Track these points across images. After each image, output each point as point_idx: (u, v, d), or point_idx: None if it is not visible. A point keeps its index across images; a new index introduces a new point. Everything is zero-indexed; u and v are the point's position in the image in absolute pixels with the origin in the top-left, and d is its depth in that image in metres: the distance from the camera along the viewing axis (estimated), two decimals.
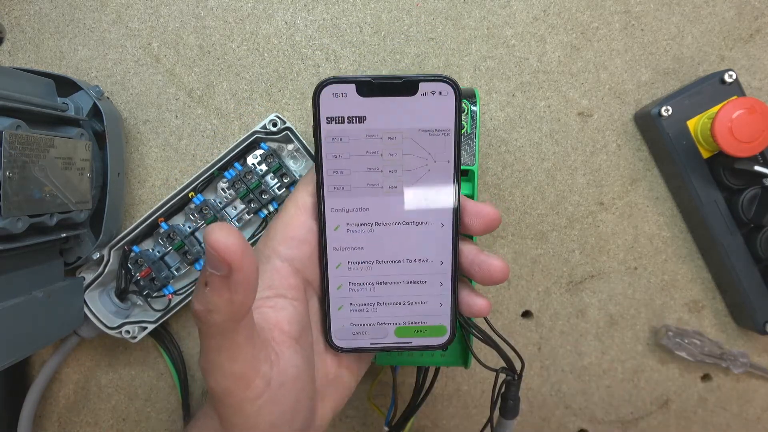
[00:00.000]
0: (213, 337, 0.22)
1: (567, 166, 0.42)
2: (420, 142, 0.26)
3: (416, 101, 0.25)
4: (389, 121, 0.26)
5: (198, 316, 0.22)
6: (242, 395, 0.23)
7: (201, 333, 0.23)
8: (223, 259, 0.20)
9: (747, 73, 0.41)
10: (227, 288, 0.21)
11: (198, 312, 0.22)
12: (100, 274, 0.38)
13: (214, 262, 0.20)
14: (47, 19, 0.40)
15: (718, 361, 0.42)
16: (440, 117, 0.26)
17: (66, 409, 0.43)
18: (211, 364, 0.23)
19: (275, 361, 0.25)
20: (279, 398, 0.25)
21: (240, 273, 0.21)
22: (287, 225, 0.28)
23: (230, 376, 0.23)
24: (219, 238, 0.20)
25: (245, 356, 0.23)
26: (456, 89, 0.25)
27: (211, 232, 0.20)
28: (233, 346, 0.23)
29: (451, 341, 0.29)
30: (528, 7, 0.41)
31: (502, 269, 0.26)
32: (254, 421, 0.24)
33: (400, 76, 0.25)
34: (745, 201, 0.38)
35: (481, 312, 0.28)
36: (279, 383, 0.24)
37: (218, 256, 0.20)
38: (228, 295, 0.21)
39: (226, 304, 0.21)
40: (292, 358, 0.26)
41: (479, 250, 0.27)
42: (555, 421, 0.44)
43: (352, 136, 0.26)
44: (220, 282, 0.21)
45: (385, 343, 0.29)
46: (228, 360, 0.23)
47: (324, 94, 0.25)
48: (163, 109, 0.41)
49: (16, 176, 0.29)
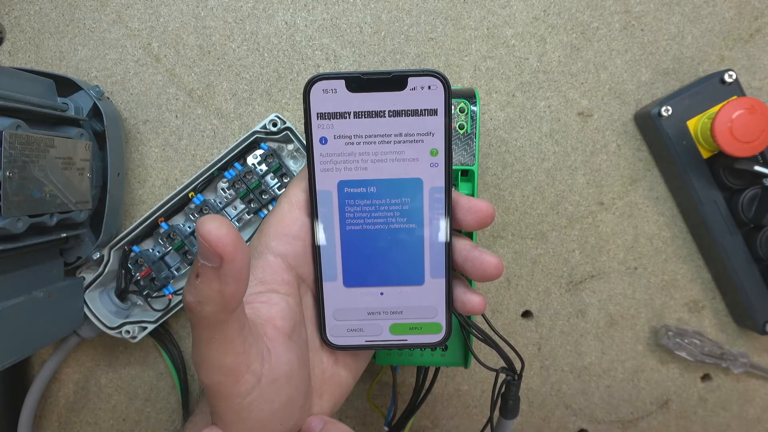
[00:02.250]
0: (204, 329, 0.22)
1: (567, 166, 0.42)
2: (410, 138, 0.26)
3: (406, 96, 0.26)
4: (379, 116, 0.26)
5: (190, 307, 0.22)
6: (231, 389, 0.23)
7: (193, 325, 0.23)
8: (214, 251, 0.20)
9: (747, 73, 0.41)
10: (218, 279, 0.21)
11: (190, 303, 0.22)
12: (100, 274, 0.38)
13: (206, 253, 0.20)
14: (47, 19, 0.40)
15: (718, 361, 0.42)
16: (430, 111, 0.26)
17: (66, 409, 0.43)
18: (201, 357, 0.23)
19: (267, 357, 0.25)
20: (270, 395, 0.24)
21: (231, 264, 0.21)
22: (280, 221, 0.28)
23: (220, 370, 0.23)
24: (211, 229, 0.20)
25: (236, 350, 0.23)
26: (445, 83, 0.25)
27: (203, 223, 0.20)
28: (224, 339, 0.23)
29: (446, 339, 0.29)
30: (528, 7, 0.41)
31: (496, 265, 0.26)
32: (244, 416, 0.24)
33: (389, 71, 0.26)
34: (745, 201, 0.38)
35: (475, 309, 0.27)
36: (270, 380, 0.24)
37: (210, 248, 0.20)
38: (219, 287, 0.21)
39: (217, 295, 0.21)
40: (285, 355, 0.26)
41: (473, 246, 0.27)
42: (555, 421, 0.44)
43: (342, 132, 0.26)
44: (211, 273, 0.21)
45: (380, 340, 0.29)
46: (218, 353, 0.23)
47: (314, 90, 0.26)
48: (163, 109, 0.41)
49: (16, 176, 0.29)
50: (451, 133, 0.26)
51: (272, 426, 0.25)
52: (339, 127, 0.26)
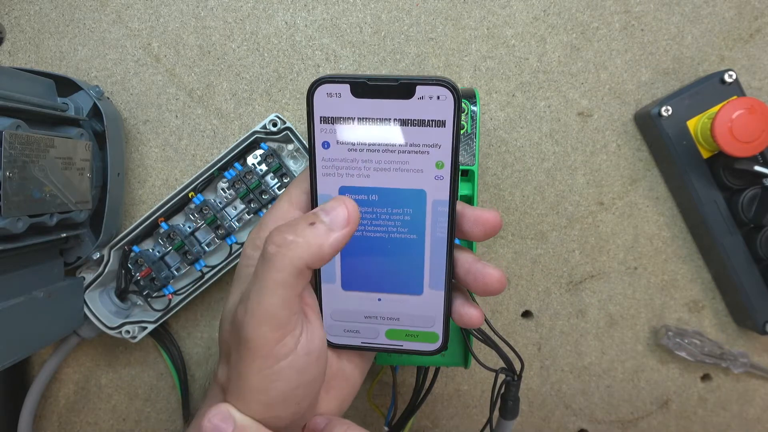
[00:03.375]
0: (280, 272, 0.23)
1: (567, 166, 0.42)
2: (415, 148, 0.25)
3: (413, 105, 0.24)
4: (384, 124, 0.25)
5: (283, 242, 0.23)
6: (272, 348, 0.23)
7: (269, 266, 0.23)
8: (349, 218, 0.24)
9: (747, 73, 0.41)
10: (327, 236, 0.23)
11: (284, 239, 0.23)
12: (100, 274, 0.38)
13: (336, 215, 0.23)
14: (47, 19, 0.40)
15: (718, 361, 0.42)
16: (438, 123, 0.25)
17: (66, 409, 0.43)
18: (258, 304, 0.23)
19: (306, 329, 0.25)
20: (300, 366, 0.24)
21: (349, 234, 0.24)
22: (280, 219, 0.27)
23: (272, 321, 0.23)
24: (347, 200, 0.24)
25: (294, 307, 0.24)
26: (455, 94, 0.24)
27: (341, 197, 0.24)
28: (291, 292, 0.23)
29: (442, 349, 0.28)
30: (528, 7, 0.41)
31: (499, 279, 0.26)
32: (269, 385, 0.24)
33: (397, 77, 0.24)
34: (745, 201, 0.38)
35: (472, 323, 0.27)
36: (305, 351, 0.25)
37: (346, 214, 0.24)
38: (323, 240, 0.23)
39: (317, 246, 0.23)
40: (318, 331, 0.26)
41: (476, 260, 0.27)
42: (555, 421, 0.44)
43: (345, 138, 0.25)
44: (325, 229, 0.23)
45: (376, 343, 0.28)
46: (279, 303, 0.23)
47: (318, 93, 0.25)
48: (163, 109, 0.41)
49: (16, 176, 0.29)
50: (459, 146, 0.25)
51: (289, 403, 0.25)
52: (342, 132, 0.25)
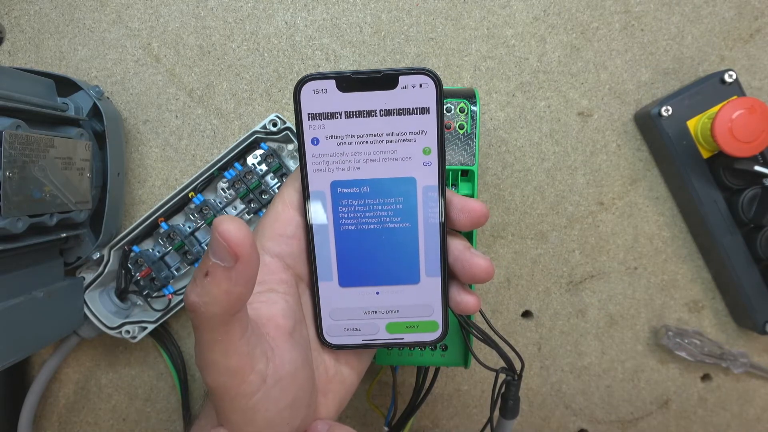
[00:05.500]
0: (207, 331, 0.22)
1: (567, 166, 0.42)
2: (403, 137, 0.26)
3: (397, 94, 0.25)
4: (371, 115, 0.26)
5: (193, 307, 0.22)
6: (237, 391, 0.23)
7: (195, 327, 0.23)
8: (232, 250, 0.20)
9: (747, 73, 0.41)
10: (228, 280, 0.21)
11: (194, 303, 0.22)
12: (100, 274, 0.38)
13: (222, 252, 0.20)
14: (47, 19, 0.40)
15: (718, 361, 0.42)
16: (422, 110, 0.26)
17: (66, 409, 0.43)
18: (205, 359, 0.23)
19: (271, 356, 0.25)
20: (276, 395, 0.24)
21: (245, 266, 0.21)
22: (275, 221, 0.28)
23: (225, 372, 0.23)
24: (230, 228, 0.20)
25: (240, 351, 0.23)
26: (436, 81, 0.25)
27: (222, 222, 0.20)
28: (228, 340, 0.22)
29: (443, 337, 0.28)
30: (528, 7, 0.41)
31: (486, 269, 0.26)
32: (251, 417, 0.24)
33: (380, 70, 0.25)
34: (745, 201, 0.38)
35: (469, 309, 0.27)
36: (275, 379, 0.24)
37: (227, 247, 0.20)
38: (227, 287, 0.21)
39: (224, 296, 0.21)
40: (288, 353, 0.26)
41: (466, 248, 0.27)
42: (555, 421, 0.44)
43: (334, 133, 0.26)
44: (222, 273, 0.21)
45: (377, 339, 0.29)
46: (222, 355, 0.23)
47: (304, 90, 0.25)
48: (163, 109, 0.41)
49: (16, 176, 0.29)
50: (444, 131, 0.26)
51: (279, 426, 0.25)
52: (330, 127, 0.26)
